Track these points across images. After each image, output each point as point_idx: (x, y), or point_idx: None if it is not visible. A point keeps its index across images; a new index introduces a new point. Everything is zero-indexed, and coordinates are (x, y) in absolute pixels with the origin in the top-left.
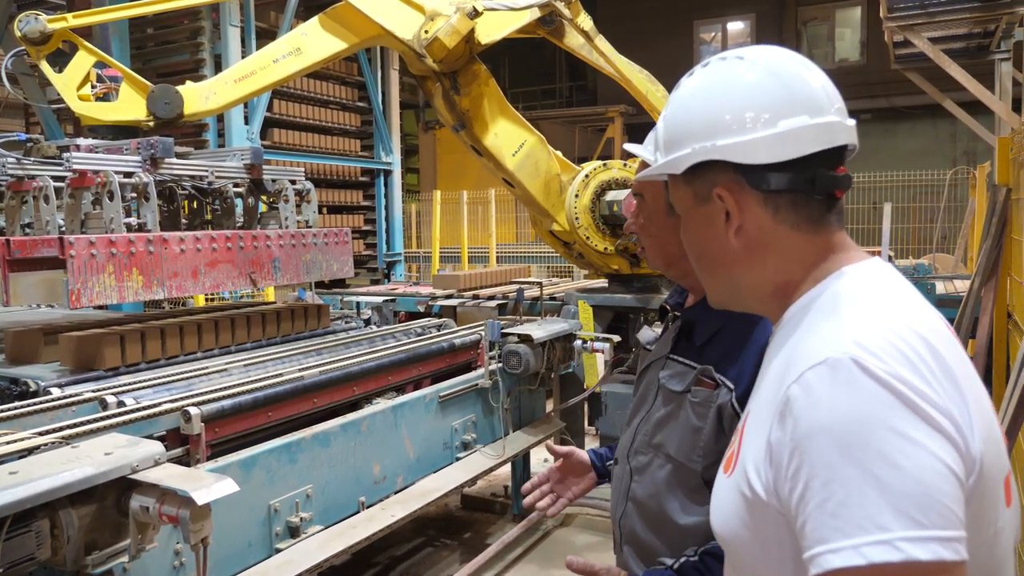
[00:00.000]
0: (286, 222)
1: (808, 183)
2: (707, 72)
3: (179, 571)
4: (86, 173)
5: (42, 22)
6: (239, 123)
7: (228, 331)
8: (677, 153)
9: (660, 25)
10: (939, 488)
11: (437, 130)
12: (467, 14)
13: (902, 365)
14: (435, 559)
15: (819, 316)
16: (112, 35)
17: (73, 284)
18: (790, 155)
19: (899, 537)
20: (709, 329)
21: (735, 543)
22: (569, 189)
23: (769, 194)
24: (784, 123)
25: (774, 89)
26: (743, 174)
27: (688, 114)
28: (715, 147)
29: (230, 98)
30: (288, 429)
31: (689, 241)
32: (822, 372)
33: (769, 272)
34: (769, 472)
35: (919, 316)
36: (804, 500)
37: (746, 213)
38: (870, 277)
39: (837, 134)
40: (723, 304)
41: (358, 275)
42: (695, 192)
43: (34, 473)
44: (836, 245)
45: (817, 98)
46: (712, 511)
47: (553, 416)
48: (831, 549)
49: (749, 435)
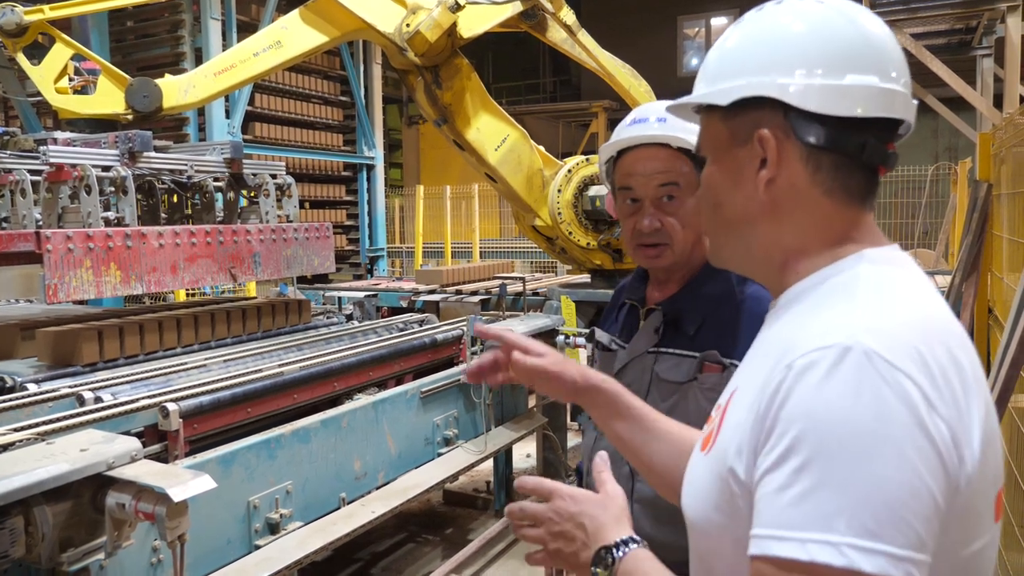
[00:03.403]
0: (267, 217)
1: (858, 148)
2: (779, 8)
3: (156, 568)
4: (63, 167)
5: (19, 14)
6: (220, 117)
7: (208, 326)
8: (728, 83)
9: (643, 20)
10: (907, 504)
11: (420, 125)
12: (449, 8)
13: (915, 365)
14: (417, 555)
15: (832, 296)
16: (91, 28)
17: (50, 279)
18: (848, 112)
19: (847, 543)
20: (697, 316)
21: (704, 527)
22: (552, 184)
23: (813, 150)
24: (852, 77)
25: (851, 39)
26: (792, 121)
27: (748, 46)
28: (773, 83)
29: (210, 91)
30: (268, 425)
31: (709, 188)
32: (827, 356)
33: (786, 236)
34: (750, 451)
35: (940, 315)
36: (768, 478)
37: (783, 165)
38: (893, 265)
39: (899, 107)
40: (725, 263)
41: (340, 270)
42: (732, 132)
43: (8, 470)
44: (863, 225)
45: (892, 63)
46: (684, 489)
47: (535, 411)
48: (776, 536)
49: (733, 413)
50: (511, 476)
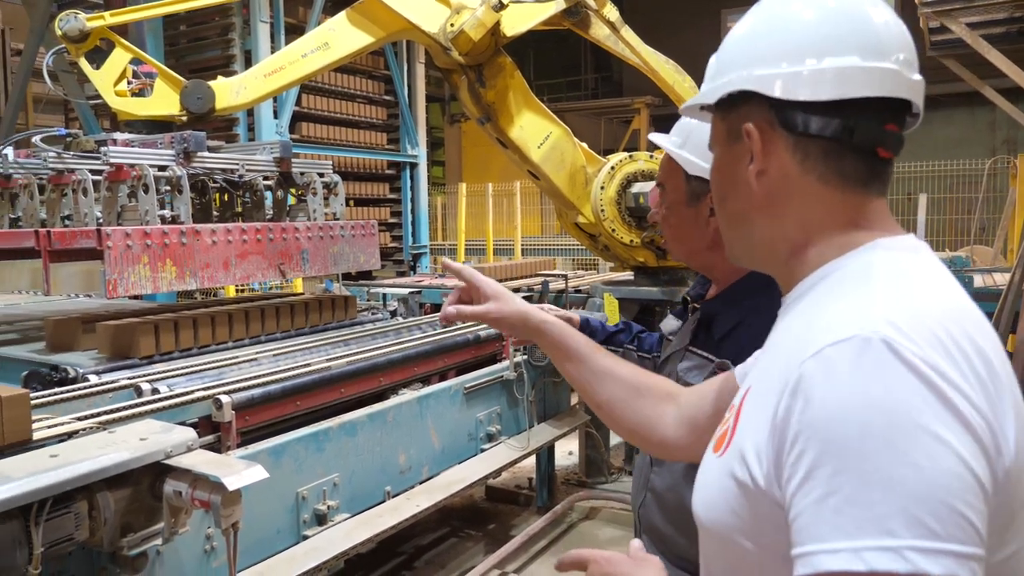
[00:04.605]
0: (314, 214)
1: (846, 132)
2: (768, 3)
3: (210, 555)
4: (122, 167)
5: (81, 20)
6: (268, 117)
7: (258, 321)
8: (717, 81)
9: (687, 14)
10: (962, 497)
11: (463, 123)
12: (493, 7)
13: (937, 352)
14: (459, 549)
15: (846, 287)
16: (147, 32)
17: (110, 274)
18: (829, 96)
19: (908, 546)
20: (728, 322)
21: (717, 531)
22: (595, 181)
23: (800, 138)
24: (830, 60)
25: (829, 24)
26: (776, 112)
27: (736, 42)
28: (750, 76)
29: (260, 92)
30: (316, 418)
31: (715, 184)
32: (846, 350)
33: (788, 227)
34: (771, 456)
35: (960, 303)
36: (803, 490)
37: (771, 156)
38: (908, 254)
39: (894, 85)
40: (739, 260)
41: (384, 267)
42: (728, 128)
43: (73, 457)
44: (871, 213)
45: (876, 40)
46: (695, 492)
47: (578, 409)
48: (827, 549)
49: (748, 413)
50: (553, 473)
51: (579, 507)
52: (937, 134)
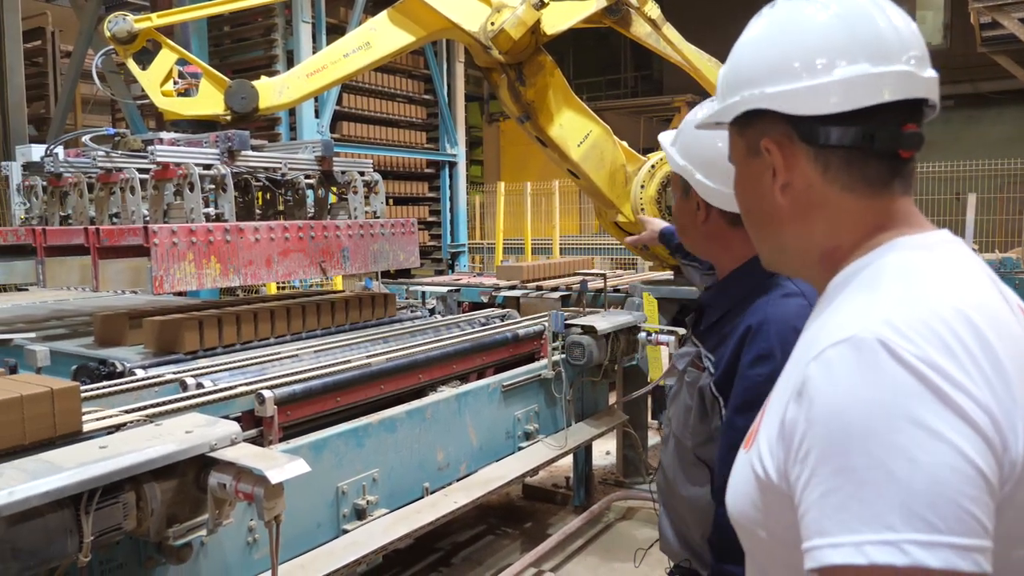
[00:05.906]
0: (355, 213)
1: (866, 139)
2: (771, 13)
3: (252, 547)
4: (169, 165)
5: (129, 22)
6: (310, 116)
7: (299, 318)
8: (729, 100)
9: (729, 11)
10: (959, 489)
11: (501, 122)
12: (533, 5)
13: (937, 350)
14: (496, 547)
15: (856, 290)
16: (192, 33)
17: (156, 271)
18: (842, 107)
19: (907, 539)
20: (715, 313)
21: (745, 523)
22: (635, 180)
23: (821, 149)
24: (840, 71)
25: (835, 32)
26: (794, 126)
27: (742, 59)
28: (763, 95)
29: (303, 92)
30: (355, 414)
31: (740, 196)
32: (844, 351)
33: (817, 236)
34: (780, 453)
35: (974, 297)
36: (809, 487)
37: (794, 170)
38: (927, 250)
39: (908, 86)
40: (773, 266)
41: (423, 265)
42: (747, 144)
43: (121, 448)
44: (897, 213)
45: (884, 44)
46: (728, 488)
47: (616, 408)
48: (831, 543)
49: (769, 412)
50: (591, 472)
51: (616, 507)
52: (988, 132)
